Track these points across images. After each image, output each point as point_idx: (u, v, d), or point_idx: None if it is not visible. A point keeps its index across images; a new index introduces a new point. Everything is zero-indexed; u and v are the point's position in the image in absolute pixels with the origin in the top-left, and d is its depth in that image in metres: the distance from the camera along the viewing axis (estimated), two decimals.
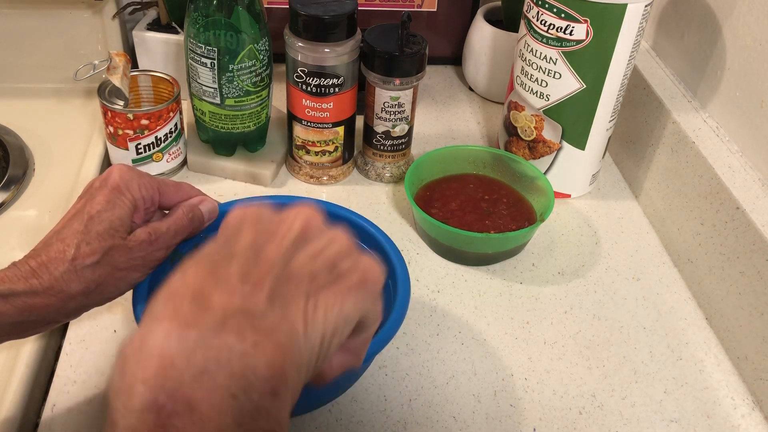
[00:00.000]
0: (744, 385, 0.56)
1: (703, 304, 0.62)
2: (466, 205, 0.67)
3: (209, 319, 0.28)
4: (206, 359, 0.27)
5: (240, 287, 0.29)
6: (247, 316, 0.29)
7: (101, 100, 0.66)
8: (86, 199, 0.44)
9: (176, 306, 0.29)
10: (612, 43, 0.61)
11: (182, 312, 0.28)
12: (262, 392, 0.27)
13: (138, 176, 0.45)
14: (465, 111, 0.86)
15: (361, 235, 0.53)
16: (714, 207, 0.60)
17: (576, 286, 0.63)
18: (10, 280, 0.40)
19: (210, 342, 0.27)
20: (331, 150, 0.70)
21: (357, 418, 0.51)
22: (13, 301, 0.40)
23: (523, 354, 0.56)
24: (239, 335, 0.28)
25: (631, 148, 0.75)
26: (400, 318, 0.46)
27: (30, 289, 0.40)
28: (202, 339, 0.27)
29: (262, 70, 0.66)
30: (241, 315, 0.29)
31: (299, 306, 0.30)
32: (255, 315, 0.29)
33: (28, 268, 0.41)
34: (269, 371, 0.28)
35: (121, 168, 0.45)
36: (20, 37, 0.79)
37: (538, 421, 0.52)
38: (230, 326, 0.28)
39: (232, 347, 0.27)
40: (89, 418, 0.49)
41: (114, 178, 0.44)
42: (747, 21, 0.61)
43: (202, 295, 0.29)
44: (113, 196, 0.44)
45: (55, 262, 0.41)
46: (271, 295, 0.30)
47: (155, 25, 0.79)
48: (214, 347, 0.27)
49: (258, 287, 0.30)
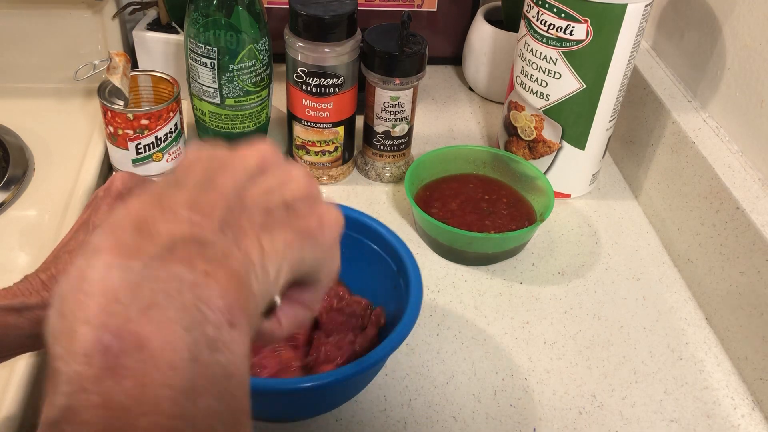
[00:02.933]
0: (744, 385, 0.56)
1: (703, 304, 0.62)
2: (466, 205, 0.67)
3: (154, 248, 0.25)
4: (153, 291, 0.24)
5: (188, 215, 0.27)
6: (197, 245, 0.26)
7: (101, 100, 0.66)
8: (91, 210, 0.44)
9: (117, 236, 0.26)
10: (612, 43, 0.61)
11: (124, 242, 0.25)
12: (216, 324, 0.25)
13: (140, 182, 0.45)
14: (465, 111, 0.86)
15: (377, 239, 0.53)
16: (714, 207, 0.60)
17: (576, 286, 0.63)
18: (22, 294, 0.40)
19: (157, 273, 0.25)
20: (331, 150, 0.70)
21: (357, 418, 0.51)
22: (27, 314, 0.40)
23: (523, 354, 0.56)
24: (189, 264, 0.25)
25: (631, 148, 0.75)
26: (412, 322, 0.46)
27: (42, 302, 0.40)
28: (148, 270, 0.25)
29: (262, 70, 0.66)
30: (190, 243, 0.26)
31: (254, 236, 0.28)
32: (205, 243, 0.26)
33: (39, 282, 0.41)
34: (223, 301, 0.25)
35: (123, 176, 0.45)
36: (20, 37, 0.79)
37: (538, 421, 0.52)
38: (178, 255, 0.25)
39: (182, 277, 0.25)
40: None
41: (117, 186, 0.44)
42: (747, 21, 0.61)
43: (145, 223, 0.26)
44: (117, 205, 0.44)
45: (63, 274, 0.41)
46: (222, 224, 0.27)
47: (155, 25, 0.79)
48: (162, 278, 0.25)
49: (208, 216, 0.27)
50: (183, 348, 0.24)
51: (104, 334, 0.23)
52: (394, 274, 0.51)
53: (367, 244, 0.54)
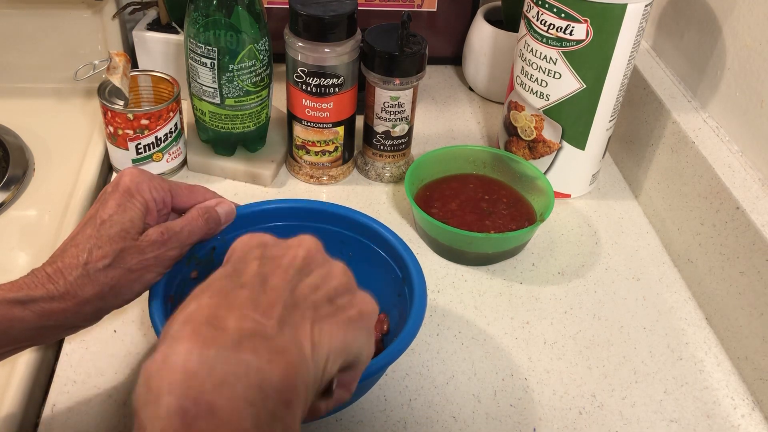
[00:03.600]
0: (744, 385, 0.56)
1: (703, 304, 0.62)
2: (466, 205, 0.67)
3: (226, 339, 0.31)
4: (225, 373, 0.29)
5: (251, 313, 0.32)
6: (261, 338, 0.31)
7: (101, 100, 0.66)
8: (99, 205, 0.45)
9: (194, 328, 0.31)
10: (612, 43, 0.61)
11: (200, 333, 0.31)
12: (276, 401, 0.30)
13: (149, 179, 0.46)
14: (465, 111, 0.86)
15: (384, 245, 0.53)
16: (714, 207, 0.60)
17: (576, 286, 0.63)
18: (28, 287, 0.41)
19: (228, 358, 0.30)
20: (331, 150, 0.70)
21: (357, 418, 0.51)
22: (32, 306, 0.41)
23: (523, 354, 0.56)
24: (255, 353, 0.31)
25: (631, 148, 0.75)
26: (413, 334, 0.46)
27: (47, 295, 0.41)
28: (221, 356, 0.30)
29: (262, 70, 0.66)
30: (256, 337, 0.31)
31: (306, 331, 0.33)
32: (267, 338, 0.32)
33: (44, 275, 0.42)
34: (282, 384, 0.30)
35: (131, 171, 0.46)
36: (20, 37, 0.79)
37: (538, 421, 0.52)
38: (246, 346, 0.31)
39: (249, 363, 0.30)
40: (89, 418, 0.49)
41: (125, 182, 0.45)
42: (747, 21, 0.61)
43: (217, 318, 0.32)
44: (124, 200, 0.44)
45: (69, 268, 0.42)
46: (281, 322, 0.33)
47: (155, 25, 0.79)
48: (233, 362, 0.30)
49: (268, 314, 0.33)
50: (247, 418, 0.29)
51: (184, 401, 0.28)
52: (399, 282, 0.51)
53: (374, 250, 0.53)
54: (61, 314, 0.41)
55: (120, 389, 0.51)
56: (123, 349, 0.54)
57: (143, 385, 0.30)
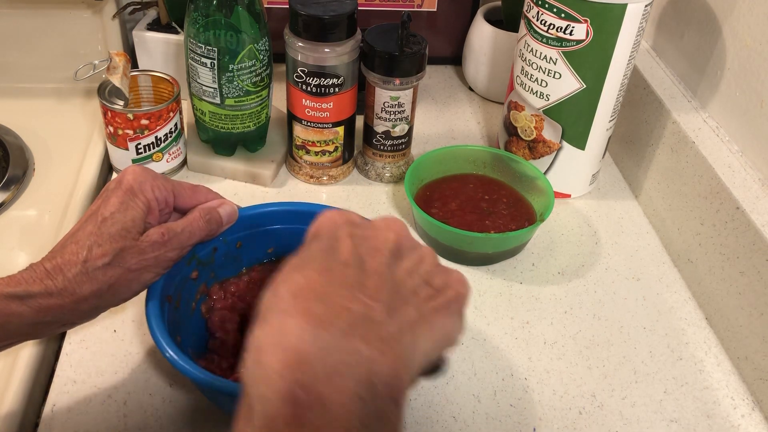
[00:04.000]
0: (744, 385, 0.56)
1: (703, 304, 0.62)
2: (466, 205, 0.67)
3: (339, 322, 0.30)
4: (337, 361, 0.29)
5: (360, 296, 0.31)
6: (372, 324, 0.31)
7: (101, 100, 0.66)
8: (101, 201, 0.45)
9: (306, 305, 0.30)
10: (612, 43, 0.61)
11: (312, 311, 0.30)
12: (384, 398, 0.29)
13: (152, 178, 0.46)
14: (465, 111, 0.86)
15: None
16: (714, 207, 0.60)
17: (576, 286, 0.63)
18: (26, 282, 0.41)
19: (341, 345, 0.29)
20: (331, 150, 0.70)
21: None
22: (30, 302, 0.41)
23: (523, 354, 0.56)
24: (366, 342, 0.30)
25: (631, 148, 0.75)
26: None
27: (45, 291, 0.41)
28: (334, 341, 0.29)
29: (262, 70, 0.66)
30: (367, 322, 0.30)
31: (411, 319, 0.33)
32: (379, 324, 0.31)
33: (43, 270, 0.42)
34: (392, 379, 0.30)
35: (135, 170, 0.46)
36: (20, 37, 0.79)
37: (538, 421, 0.52)
38: (358, 332, 0.30)
39: (361, 352, 0.29)
40: (89, 418, 0.49)
41: (128, 180, 0.45)
42: (747, 21, 0.61)
43: (327, 297, 0.31)
44: (126, 198, 0.44)
45: (68, 264, 0.42)
46: (389, 309, 0.32)
47: (155, 25, 0.79)
48: (345, 350, 0.29)
49: (376, 298, 0.32)
50: (356, 414, 0.28)
51: (296, 389, 0.28)
52: None
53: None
54: (58, 310, 0.41)
55: (120, 389, 0.51)
56: (123, 349, 0.54)
57: (253, 359, 0.29)
